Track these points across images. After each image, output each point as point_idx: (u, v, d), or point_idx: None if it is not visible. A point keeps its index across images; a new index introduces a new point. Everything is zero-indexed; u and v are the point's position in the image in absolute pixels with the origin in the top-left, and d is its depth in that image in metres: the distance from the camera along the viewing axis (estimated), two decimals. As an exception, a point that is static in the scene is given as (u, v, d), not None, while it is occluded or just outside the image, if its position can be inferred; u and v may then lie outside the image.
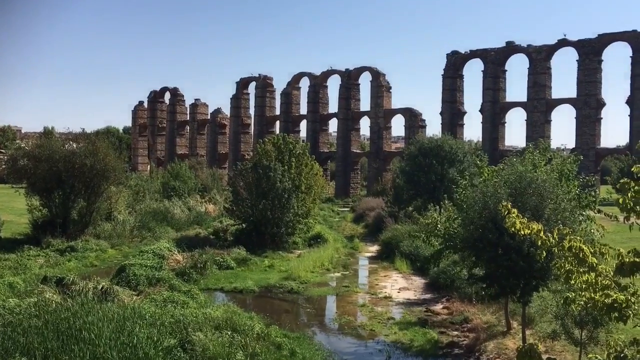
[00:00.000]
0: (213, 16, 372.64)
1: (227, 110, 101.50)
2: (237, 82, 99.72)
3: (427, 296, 26.76)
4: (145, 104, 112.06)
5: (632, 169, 7.03)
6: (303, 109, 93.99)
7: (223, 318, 18.06)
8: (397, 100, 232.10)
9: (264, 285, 28.63)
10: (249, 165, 41.02)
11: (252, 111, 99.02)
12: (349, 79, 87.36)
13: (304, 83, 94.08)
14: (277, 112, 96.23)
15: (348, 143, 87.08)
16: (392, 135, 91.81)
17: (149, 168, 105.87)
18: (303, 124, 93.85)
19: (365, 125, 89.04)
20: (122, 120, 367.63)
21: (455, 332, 20.59)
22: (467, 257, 20.23)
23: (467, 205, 19.26)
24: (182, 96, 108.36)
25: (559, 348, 16.62)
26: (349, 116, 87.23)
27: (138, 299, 21.05)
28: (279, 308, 25.46)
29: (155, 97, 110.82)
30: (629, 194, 6.78)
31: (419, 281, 29.78)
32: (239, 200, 38.77)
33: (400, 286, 28.91)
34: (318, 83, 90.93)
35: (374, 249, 40.71)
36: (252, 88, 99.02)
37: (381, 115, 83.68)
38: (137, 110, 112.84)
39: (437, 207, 28.88)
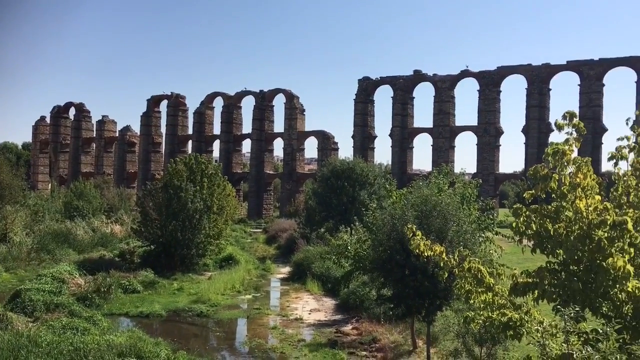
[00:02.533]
0: (124, 32, 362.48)
1: (137, 128, 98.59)
2: (148, 100, 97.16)
3: (338, 317, 27.02)
4: (48, 119, 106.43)
5: (524, 195, 7.58)
6: (216, 129, 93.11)
7: (127, 344, 17.32)
8: (311, 123, 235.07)
9: (172, 309, 27.79)
10: (159, 185, 39.91)
11: (163, 130, 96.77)
12: (263, 100, 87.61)
13: (218, 103, 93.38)
14: (190, 131, 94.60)
15: (261, 164, 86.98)
16: (305, 157, 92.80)
17: (50, 187, 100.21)
18: (216, 144, 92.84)
19: (278, 146, 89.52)
20: (22, 136, 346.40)
21: (364, 353, 20.91)
22: (376, 278, 20.72)
23: (377, 227, 19.80)
24: (89, 112, 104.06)
25: (461, 365, 17.29)
26: (262, 137, 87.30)
27: (34, 326, 19.78)
28: (188, 332, 24.79)
29: (59, 112, 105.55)
30: (521, 218, 7.30)
31: (329, 302, 30.03)
32: (148, 221, 37.57)
33: (311, 307, 29.02)
34: (232, 103, 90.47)
35: (286, 270, 40.64)
36: (163, 106, 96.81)
37: (295, 137, 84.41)
38: (38, 125, 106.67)
39: (348, 228, 29.40)
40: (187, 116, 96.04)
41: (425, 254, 7.92)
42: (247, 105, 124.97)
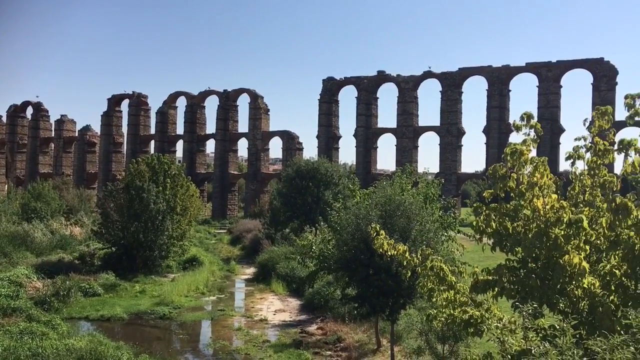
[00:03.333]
0: (83, 29, 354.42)
1: (97, 128, 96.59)
2: (109, 99, 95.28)
3: (303, 317, 27.02)
4: (4, 119, 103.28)
5: (484, 194, 7.71)
6: (180, 129, 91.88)
7: (87, 349, 16.97)
8: (275, 123, 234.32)
9: (134, 311, 27.33)
10: (120, 185, 39.21)
11: (125, 129, 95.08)
12: (227, 100, 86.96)
13: (181, 102, 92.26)
14: (152, 131, 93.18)
15: (226, 164, 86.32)
16: (269, 157, 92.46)
17: (6, 188, 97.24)
18: (179, 144, 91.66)
19: (243, 146, 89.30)
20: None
21: (329, 352, 20.97)
22: (341, 278, 20.80)
23: (341, 227, 19.88)
24: (47, 111, 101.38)
25: (424, 363, 17.51)
26: (226, 137, 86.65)
27: (-10, 332, 19.17)
28: (150, 335, 24.41)
29: (16, 111, 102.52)
30: (481, 217, 7.43)
31: (294, 302, 30.00)
32: (109, 223, 36.85)
33: (276, 308, 28.95)
34: (195, 103, 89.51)
35: (250, 271, 40.46)
36: (125, 106, 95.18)
37: (259, 137, 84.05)
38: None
39: (313, 228, 29.47)
40: (150, 116, 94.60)
41: (389, 253, 7.99)
42: (211, 105, 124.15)
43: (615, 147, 7.22)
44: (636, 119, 7.31)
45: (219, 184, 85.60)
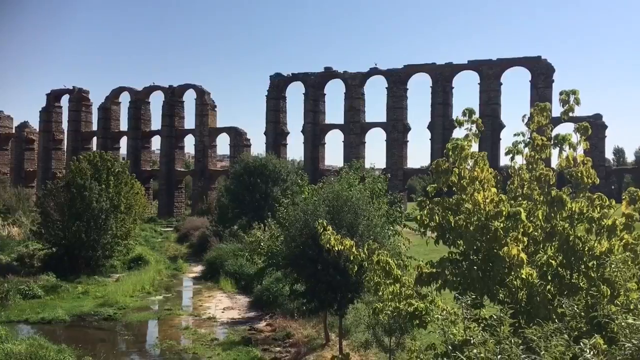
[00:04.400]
0: (20, 21, 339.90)
1: (35, 125, 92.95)
2: (47, 94, 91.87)
3: (252, 314, 26.91)
4: None
5: (427, 189, 7.88)
6: (123, 126, 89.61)
7: (27, 353, 16.39)
8: (223, 119, 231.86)
9: (77, 313, 26.52)
10: (61, 184, 37.96)
11: (65, 126, 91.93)
12: (173, 95, 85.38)
13: (125, 98, 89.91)
14: (94, 127, 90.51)
15: (172, 161, 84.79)
16: (217, 153, 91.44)
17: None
18: (123, 141, 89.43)
19: (190, 143, 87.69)
20: None
21: (278, 349, 20.97)
22: (289, 274, 20.82)
23: (289, 223, 19.86)
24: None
25: (372, 356, 17.77)
26: (173, 134, 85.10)
27: None
28: (94, 337, 23.74)
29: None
30: (425, 211, 7.58)
31: (243, 300, 29.84)
32: (49, 223, 35.59)
33: (224, 306, 28.72)
34: (140, 99, 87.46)
35: (198, 269, 39.97)
36: (65, 101, 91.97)
37: (206, 133, 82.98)
38: None
39: (262, 225, 29.36)
40: (91, 112, 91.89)
41: (336, 248, 8.04)
42: (156, 101, 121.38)
43: (551, 142, 7.50)
44: (570, 114, 7.62)
45: (165, 181, 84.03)
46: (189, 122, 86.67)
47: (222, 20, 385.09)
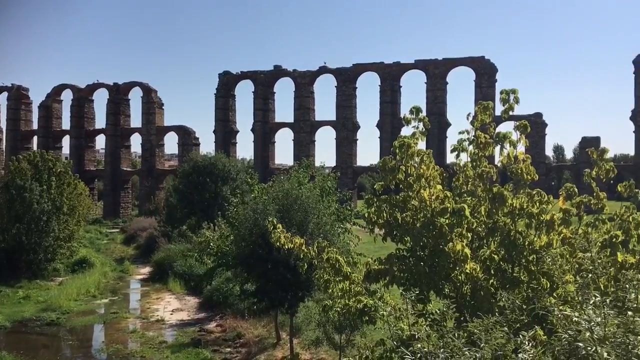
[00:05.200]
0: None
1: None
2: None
3: (201, 315, 26.58)
4: None
5: (375, 186, 7.97)
6: (66, 124, 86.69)
7: (-37, 362, 15.66)
8: (171, 118, 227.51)
9: (18, 319, 25.57)
10: (-2, 185, 36.46)
11: (3, 125, 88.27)
12: (118, 93, 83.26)
13: (67, 96, 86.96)
14: (35, 126, 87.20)
15: (117, 161, 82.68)
16: (165, 153, 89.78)
17: None
18: (66, 140, 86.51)
19: (136, 142, 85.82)
20: None
21: (229, 349, 20.80)
22: (240, 273, 20.68)
23: (239, 223, 19.72)
24: None
25: (323, 354, 17.86)
26: (118, 133, 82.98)
27: None
28: (37, 343, 22.92)
29: None
30: (372, 209, 7.67)
31: (193, 301, 29.43)
32: (-14, 225, 34.13)
33: (173, 307, 28.26)
34: (83, 96, 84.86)
35: (146, 270, 39.19)
36: (3, 99, 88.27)
37: (153, 132, 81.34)
38: None
39: (211, 225, 29.01)
40: (32, 110, 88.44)
41: (286, 246, 8.04)
42: (100, 99, 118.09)
43: (494, 140, 7.72)
44: (511, 113, 7.86)
45: (110, 181, 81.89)
46: (135, 120, 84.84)
47: (170, 17, 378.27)
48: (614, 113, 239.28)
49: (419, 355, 4.68)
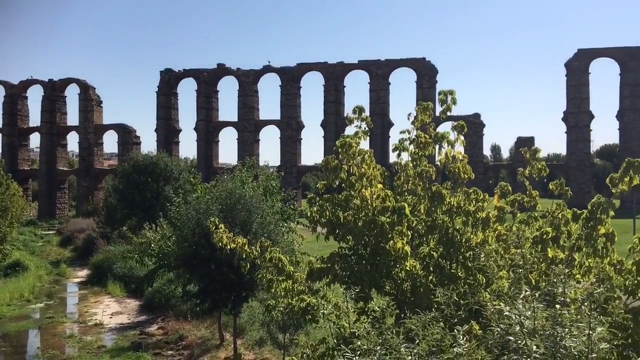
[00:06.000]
0: None
1: None
2: None
3: (142, 318, 25.98)
4: None
5: (317, 185, 8.01)
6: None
7: None
8: (110, 116, 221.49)
9: (-55, 327, 24.26)
10: None
11: None
12: (54, 90, 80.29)
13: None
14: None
15: (53, 160, 79.73)
16: (104, 152, 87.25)
17: None
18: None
19: (73, 141, 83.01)
20: None
21: (171, 352, 20.42)
22: (182, 275, 20.33)
23: (181, 223, 19.38)
24: None
25: (267, 354, 17.80)
26: (54, 131, 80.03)
27: None
28: (-35, 352, 21.83)
29: None
30: (315, 208, 7.71)
31: (133, 303, 28.74)
32: None
33: (113, 311, 27.51)
34: (16, 93, 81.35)
35: (84, 273, 38.01)
36: None
37: (91, 130, 78.90)
38: None
39: (153, 225, 28.38)
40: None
41: (229, 246, 7.98)
42: (35, 96, 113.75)
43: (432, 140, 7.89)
44: (449, 114, 8.06)
45: (45, 181, 78.88)
46: (73, 118, 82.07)
47: (109, 12, 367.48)
48: (547, 114, 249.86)
49: (358, 352, 4.74)
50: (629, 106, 66.25)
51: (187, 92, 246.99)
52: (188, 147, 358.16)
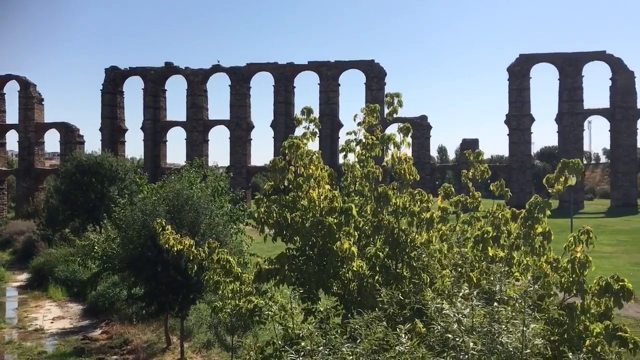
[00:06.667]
0: None
1: None
2: None
3: (85, 322, 25.28)
4: None
5: (265, 187, 8.01)
6: None
7: None
8: (52, 114, 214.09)
9: None
10: None
11: None
12: (-9, 86, 76.97)
13: None
14: None
15: (-10, 159, 76.44)
16: (45, 151, 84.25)
17: None
18: None
19: (12, 140, 79.76)
20: None
21: (115, 357, 19.93)
22: (127, 277, 19.89)
23: (126, 224, 18.96)
24: None
25: (215, 356, 17.63)
26: (-9, 129, 76.73)
27: None
28: None
29: None
30: (262, 209, 7.71)
31: (76, 308, 27.92)
32: None
33: (54, 315, 26.64)
34: (-51, 89, 77.56)
35: (23, 277, 36.65)
36: None
37: (32, 129, 76.01)
38: None
39: (97, 227, 27.60)
40: None
41: (175, 248, 7.89)
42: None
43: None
44: (396, 115, 8.21)
45: (-18, 181, 75.51)
46: (11, 116, 78.82)
47: (51, 5, 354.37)
48: (491, 117, 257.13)
49: (302, 353, 4.77)
50: (567, 110, 68.93)
51: (134, 91, 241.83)
52: (135, 147, 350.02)
